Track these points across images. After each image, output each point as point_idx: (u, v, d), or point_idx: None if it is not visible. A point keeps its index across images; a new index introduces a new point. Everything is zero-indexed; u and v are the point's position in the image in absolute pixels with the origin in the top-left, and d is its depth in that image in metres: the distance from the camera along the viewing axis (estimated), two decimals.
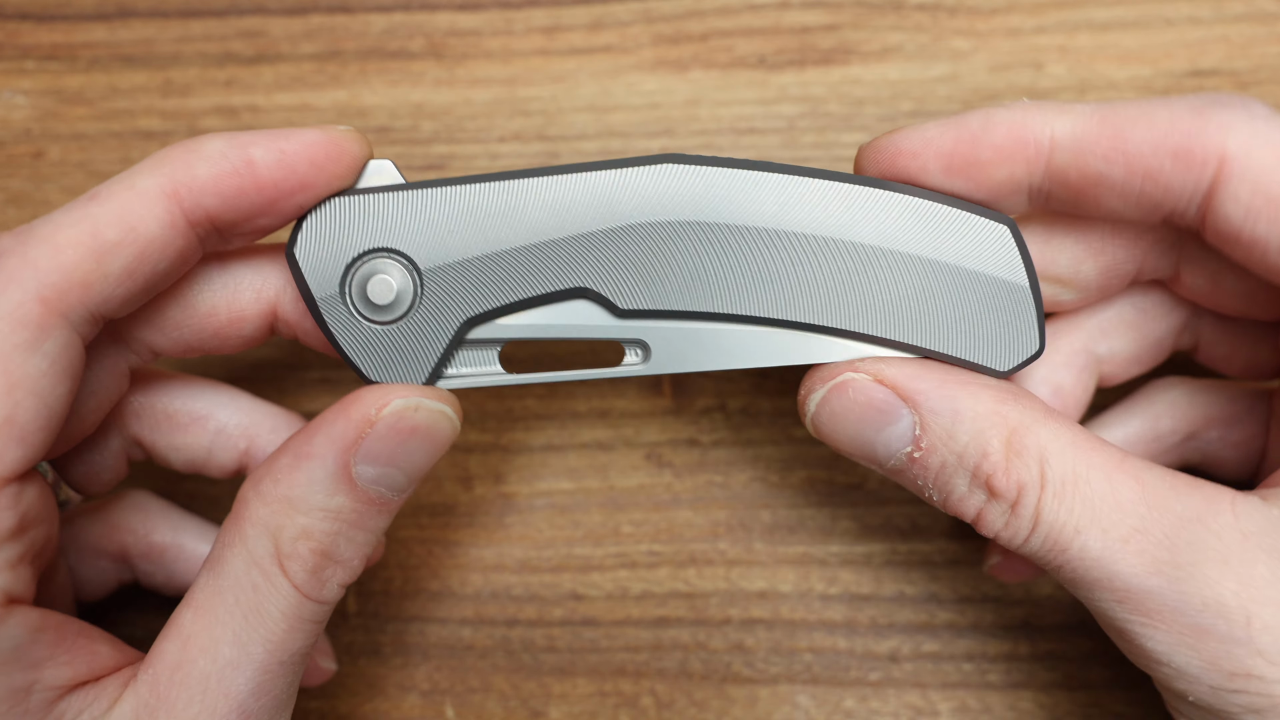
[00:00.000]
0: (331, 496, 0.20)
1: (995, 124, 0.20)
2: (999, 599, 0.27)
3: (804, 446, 0.28)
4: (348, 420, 0.20)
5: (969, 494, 0.20)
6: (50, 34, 0.31)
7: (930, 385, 0.20)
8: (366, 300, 0.21)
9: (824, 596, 0.27)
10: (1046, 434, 0.20)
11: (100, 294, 0.19)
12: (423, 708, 0.27)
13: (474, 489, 0.28)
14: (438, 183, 0.21)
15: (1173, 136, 0.19)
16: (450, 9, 0.30)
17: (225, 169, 0.19)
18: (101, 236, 0.18)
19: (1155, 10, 0.29)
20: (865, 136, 0.29)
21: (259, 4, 0.30)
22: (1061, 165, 0.20)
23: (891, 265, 0.21)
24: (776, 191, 0.20)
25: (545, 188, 0.20)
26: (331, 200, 0.20)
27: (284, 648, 0.20)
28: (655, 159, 0.20)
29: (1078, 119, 0.19)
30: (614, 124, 0.29)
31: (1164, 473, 0.19)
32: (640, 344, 0.21)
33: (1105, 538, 0.19)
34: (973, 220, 0.20)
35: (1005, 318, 0.21)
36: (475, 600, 0.28)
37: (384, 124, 0.30)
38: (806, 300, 0.21)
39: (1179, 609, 0.18)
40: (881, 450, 0.21)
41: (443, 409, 0.21)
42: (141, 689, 0.19)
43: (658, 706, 0.27)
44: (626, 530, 0.28)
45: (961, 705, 0.26)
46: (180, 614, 0.20)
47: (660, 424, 0.28)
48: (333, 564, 0.20)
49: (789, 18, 0.30)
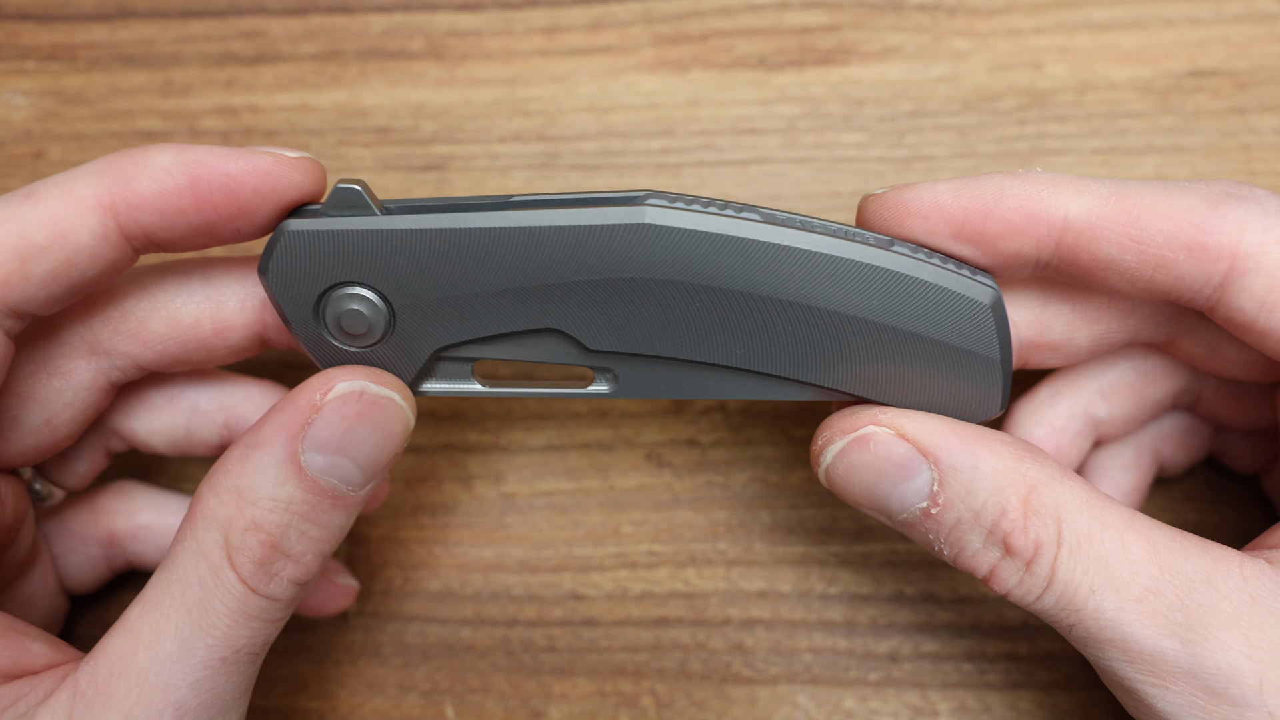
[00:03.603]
0: (281, 486, 0.19)
1: (1009, 197, 0.20)
2: (999, 599, 0.27)
3: (804, 447, 0.28)
4: (294, 407, 0.19)
5: (983, 550, 0.20)
6: (50, 34, 0.31)
7: (951, 441, 0.20)
8: (339, 327, 0.21)
9: (824, 596, 0.27)
10: (1063, 492, 0.19)
11: (21, 294, 0.18)
12: (423, 708, 0.27)
13: (474, 489, 0.28)
14: (412, 210, 0.20)
15: (1187, 230, 0.19)
16: (450, 9, 0.30)
17: (167, 187, 0.19)
18: (29, 239, 0.18)
19: (1155, 11, 0.29)
20: (865, 137, 0.29)
21: (259, 4, 0.30)
22: (1072, 246, 0.19)
23: (869, 332, 0.20)
24: (757, 259, 0.20)
25: (518, 237, 0.20)
26: (303, 227, 0.20)
27: (227, 643, 0.19)
28: (631, 200, 0.20)
29: (1093, 201, 0.19)
30: (614, 124, 0.29)
31: (1172, 532, 0.19)
32: (609, 371, 0.22)
33: (1119, 598, 0.19)
34: (956, 297, 0.20)
35: (973, 382, 0.21)
36: (475, 600, 0.28)
37: (384, 124, 0.30)
38: (780, 356, 0.21)
39: (1192, 672, 0.18)
40: (895, 504, 0.20)
41: (389, 394, 0.20)
42: (81, 681, 0.19)
43: (657, 707, 0.27)
44: (626, 530, 0.28)
45: (961, 705, 0.26)
46: (129, 610, 0.19)
47: (660, 424, 0.28)
48: (283, 558, 0.19)
49: (789, 18, 0.30)
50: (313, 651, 0.27)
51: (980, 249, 0.20)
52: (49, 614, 0.24)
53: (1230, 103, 0.29)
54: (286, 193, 0.20)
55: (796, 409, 0.28)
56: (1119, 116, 0.29)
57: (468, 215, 0.20)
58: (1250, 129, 0.29)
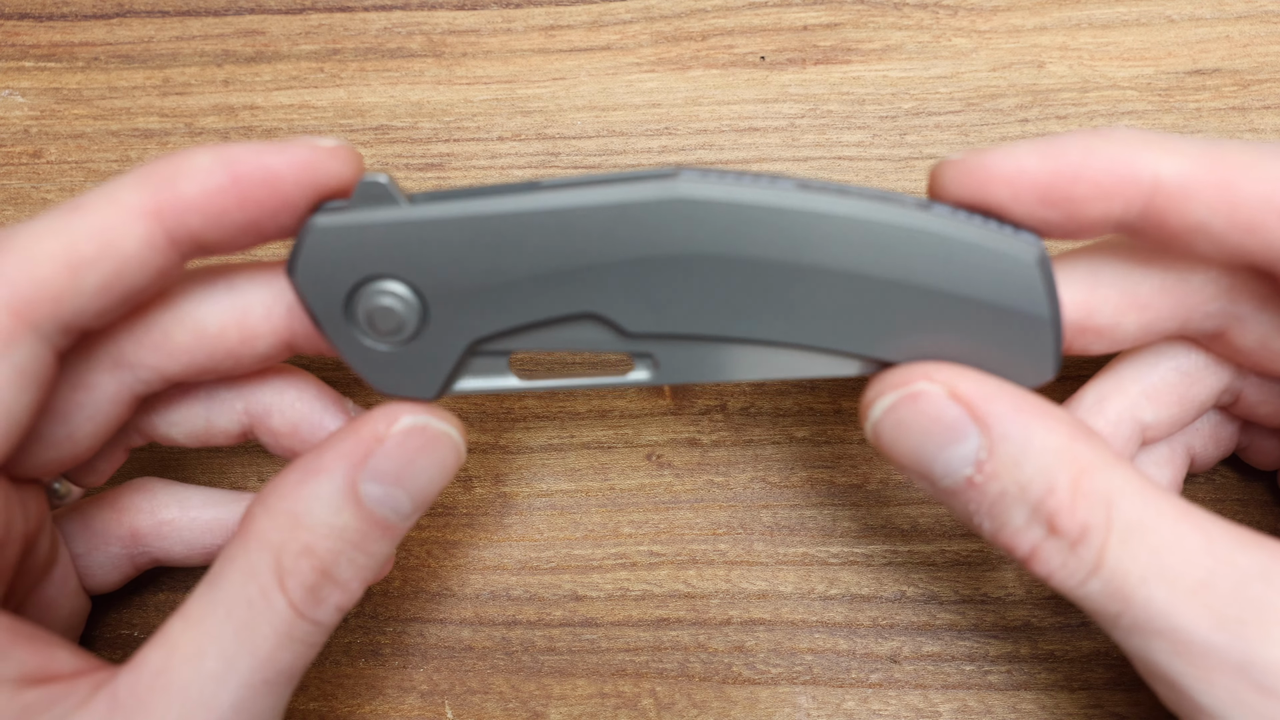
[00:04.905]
0: (338, 514, 0.20)
1: (1097, 156, 0.19)
2: (1000, 600, 0.27)
3: (804, 447, 0.28)
4: (357, 437, 0.20)
5: (1025, 527, 0.19)
6: (49, 33, 0.31)
7: (1006, 409, 0.19)
8: (372, 324, 0.20)
9: (825, 597, 0.27)
10: (1117, 478, 0.19)
11: (73, 307, 0.18)
12: (422, 709, 0.27)
13: (474, 489, 0.28)
14: (440, 200, 0.20)
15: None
16: (450, 8, 0.30)
17: (209, 186, 0.19)
18: (78, 251, 0.18)
19: (1157, 9, 0.29)
20: (866, 136, 0.29)
21: (258, 3, 0.30)
22: (1162, 208, 0.19)
23: (913, 297, 0.20)
24: (794, 227, 0.19)
25: (552, 218, 0.19)
26: (330, 223, 0.19)
27: (271, 665, 0.19)
28: (663, 176, 0.19)
29: (1185, 161, 0.18)
30: (614, 123, 0.29)
31: (1228, 526, 0.19)
32: (648, 356, 0.21)
33: (1171, 589, 0.18)
34: (1000, 255, 0.19)
35: (1023, 345, 0.20)
36: (475, 601, 0.27)
37: (383, 123, 0.29)
38: (819, 326, 0.20)
39: (1243, 667, 0.18)
40: (940, 469, 0.20)
41: (449, 430, 0.21)
42: (120, 690, 0.19)
43: (658, 708, 0.27)
44: (626, 531, 0.28)
45: (963, 706, 0.26)
46: (170, 623, 0.19)
47: (660, 424, 0.28)
48: (331, 584, 0.20)
49: (790, 16, 0.30)
50: None
51: (1065, 214, 0.19)
52: (71, 615, 0.24)
53: (1232, 101, 0.29)
54: (326, 182, 0.19)
55: (798, 409, 0.28)
56: (1121, 115, 0.29)
57: (497, 200, 0.19)
58: (1252, 128, 0.29)
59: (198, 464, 0.28)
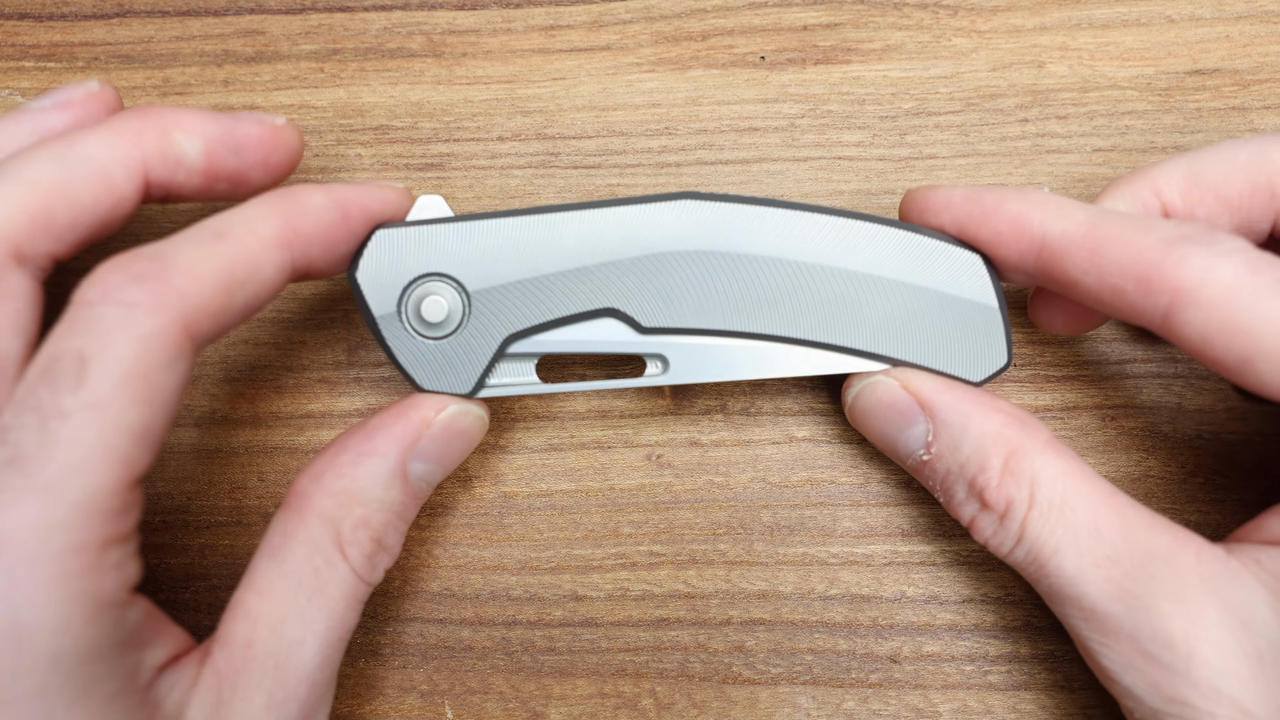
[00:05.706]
0: (388, 490, 0.23)
1: (1003, 210, 0.23)
2: (1000, 600, 0.27)
3: (804, 447, 0.28)
4: (408, 422, 0.23)
5: (965, 501, 0.23)
6: (49, 33, 0.30)
7: (949, 400, 0.23)
8: (420, 318, 0.23)
9: (824, 597, 0.27)
10: (1042, 461, 0.22)
11: (223, 324, 0.20)
12: (422, 709, 0.27)
13: (474, 489, 0.28)
14: (483, 215, 0.23)
15: (1139, 264, 0.20)
16: (450, 8, 0.30)
17: (325, 222, 0.22)
18: (233, 275, 0.20)
19: (1157, 9, 0.29)
20: (866, 136, 0.29)
21: (258, 3, 0.30)
22: (1048, 262, 0.22)
23: (879, 289, 0.24)
24: (780, 224, 0.23)
25: (579, 221, 0.23)
26: (390, 231, 0.23)
27: (342, 624, 0.22)
28: (675, 196, 0.23)
29: (1069, 226, 0.21)
30: (614, 123, 0.29)
31: (1145, 513, 0.22)
32: (660, 358, 0.24)
33: (1079, 560, 0.21)
34: (950, 250, 0.23)
35: (978, 335, 0.24)
36: (475, 601, 0.27)
37: (383, 123, 0.29)
38: (806, 319, 0.24)
39: (1133, 635, 0.21)
40: (902, 448, 0.24)
41: (483, 415, 0.25)
42: (220, 665, 0.21)
43: (658, 708, 0.27)
44: (626, 531, 0.28)
45: (963, 706, 0.26)
46: (243, 597, 0.22)
47: (660, 424, 0.28)
48: (383, 550, 0.23)
49: (790, 16, 0.30)
50: None
51: (981, 248, 0.23)
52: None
53: (1232, 101, 0.29)
54: (397, 216, 0.24)
55: (798, 409, 0.28)
56: (1121, 115, 0.29)
57: (532, 211, 0.23)
58: (1253, 127, 0.28)
59: (197, 464, 0.28)
